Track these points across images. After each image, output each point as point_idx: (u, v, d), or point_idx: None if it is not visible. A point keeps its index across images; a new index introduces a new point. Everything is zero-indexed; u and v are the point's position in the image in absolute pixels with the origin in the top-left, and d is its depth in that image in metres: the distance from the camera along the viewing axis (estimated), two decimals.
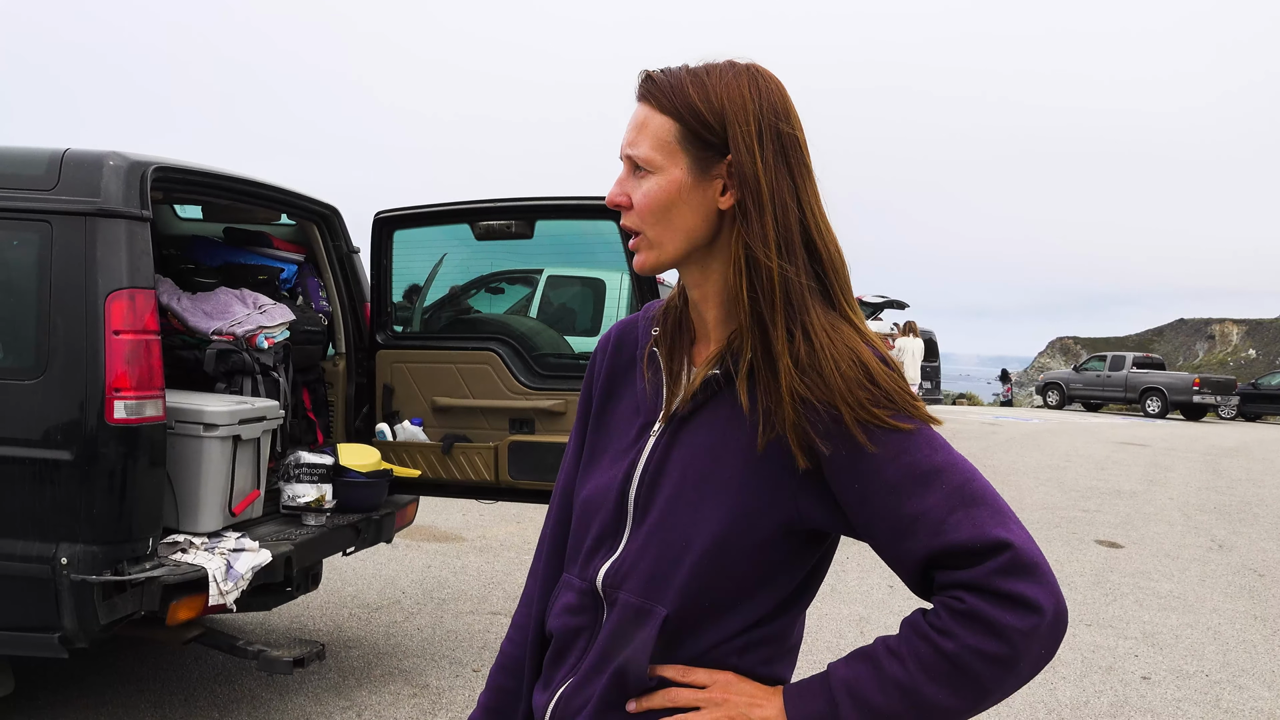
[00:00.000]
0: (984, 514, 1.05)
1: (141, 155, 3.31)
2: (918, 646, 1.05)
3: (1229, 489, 11.71)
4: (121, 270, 3.12)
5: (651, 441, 1.21)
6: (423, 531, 7.30)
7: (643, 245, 1.18)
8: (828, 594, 6.10)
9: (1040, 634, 1.02)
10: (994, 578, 1.02)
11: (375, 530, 4.20)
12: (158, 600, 3.12)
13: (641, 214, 1.16)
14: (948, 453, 1.08)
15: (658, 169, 1.14)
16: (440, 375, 4.55)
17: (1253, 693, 4.74)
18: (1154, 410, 26.45)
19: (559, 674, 1.24)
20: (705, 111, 1.13)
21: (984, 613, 1.02)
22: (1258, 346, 46.52)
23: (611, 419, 1.29)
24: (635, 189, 1.16)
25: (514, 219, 4.38)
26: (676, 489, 1.16)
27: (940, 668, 1.03)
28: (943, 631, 1.04)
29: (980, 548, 1.03)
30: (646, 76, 1.17)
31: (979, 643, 1.02)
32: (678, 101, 1.13)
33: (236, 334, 4.10)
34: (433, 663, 4.61)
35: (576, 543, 1.27)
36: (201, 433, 3.48)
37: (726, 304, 1.18)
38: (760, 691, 1.12)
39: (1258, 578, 7.21)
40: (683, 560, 1.13)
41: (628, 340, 1.33)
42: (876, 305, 17.23)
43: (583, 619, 1.22)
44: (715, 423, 1.16)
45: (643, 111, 1.16)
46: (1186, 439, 18.48)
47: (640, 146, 1.15)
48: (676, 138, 1.14)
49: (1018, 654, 1.02)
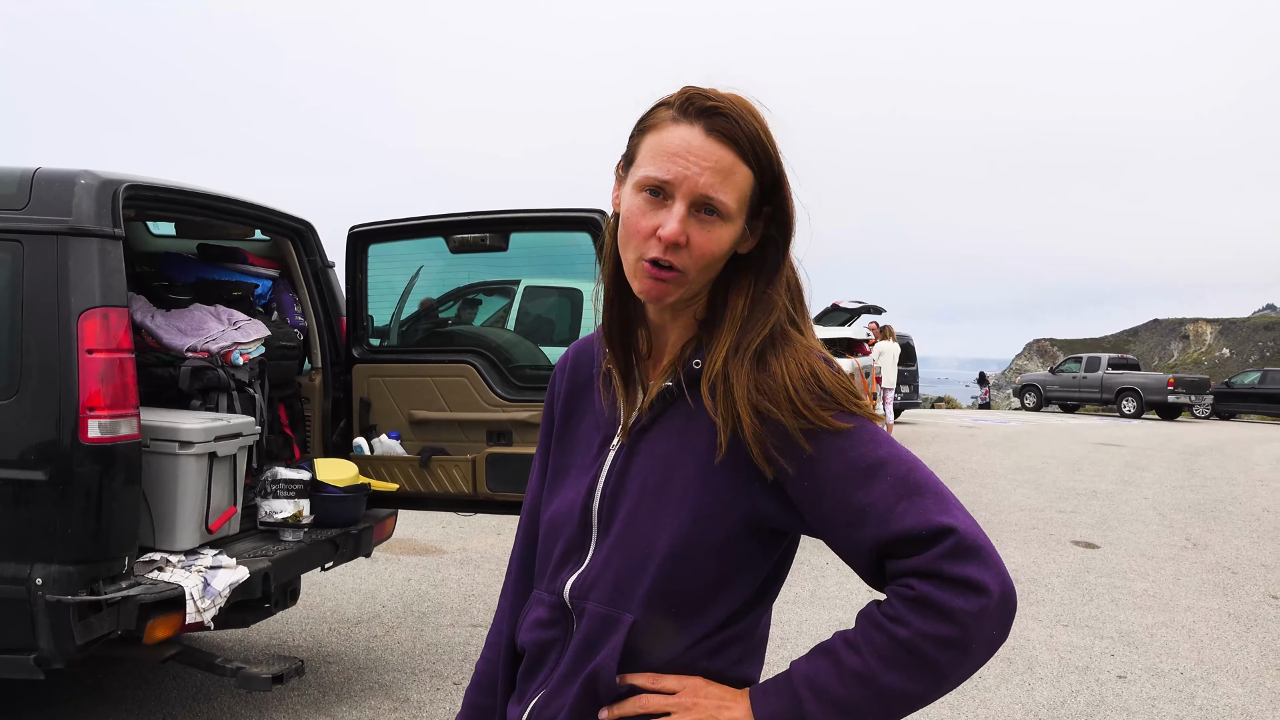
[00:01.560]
0: (928, 502, 1.08)
1: (113, 173, 3.31)
2: (873, 636, 1.08)
3: (1203, 488, 11.84)
4: (94, 289, 3.11)
5: (611, 456, 1.24)
6: (402, 545, 7.28)
7: (676, 283, 1.14)
8: (808, 600, 6.14)
9: (989, 614, 1.05)
10: (941, 563, 1.05)
11: (354, 544, 4.20)
12: (134, 619, 3.11)
13: (699, 259, 1.13)
14: (890, 446, 1.12)
15: (731, 220, 1.14)
16: (417, 388, 4.55)
17: (1226, 689, 4.80)
18: (1129, 411, 26.69)
19: (532, 687, 1.26)
20: (772, 167, 1.15)
21: (933, 598, 1.05)
22: (1231, 345, 47.03)
23: (573, 437, 1.32)
24: (698, 232, 1.12)
25: (488, 232, 4.40)
26: (637, 499, 1.19)
27: (896, 655, 1.06)
28: (895, 619, 1.07)
29: (926, 534, 1.06)
30: (721, 111, 1.12)
31: (931, 628, 1.05)
32: (761, 156, 1.14)
33: (211, 350, 4.10)
34: (413, 676, 4.60)
35: (544, 559, 1.29)
36: (177, 450, 3.47)
37: (690, 322, 1.22)
38: (728, 694, 1.15)
39: (1231, 575, 7.30)
40: (647, 566, 1.16)
41: (584, 360, 1.35)
42: (853, 311, 17.31)
43: (553, 632, 1.24)
44: (671, 432, 1.20)
45: (726, 156, 1.12)
46: (1161, 439, 18.67)
47: (727, 195, 1.12)
48: (752, 194, 1.15)
49: (969, 636, 1.05)
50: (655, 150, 1.13)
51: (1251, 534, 8.99)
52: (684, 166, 1.11)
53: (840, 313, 17.14)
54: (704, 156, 1.11)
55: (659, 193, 1.13)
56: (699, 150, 1.11)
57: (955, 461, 13.59)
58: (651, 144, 1.14)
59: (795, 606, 5.97)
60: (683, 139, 1.12)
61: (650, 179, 1.13)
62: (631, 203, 1.15)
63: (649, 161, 1.13)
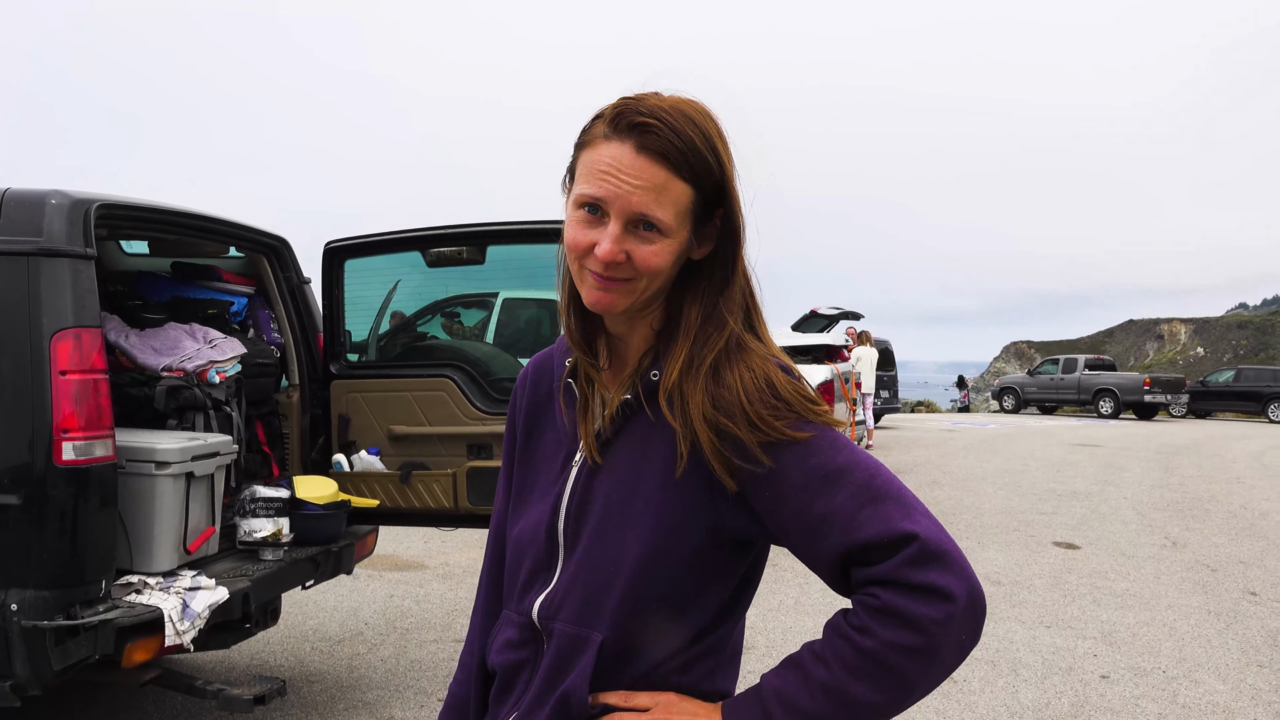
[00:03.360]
0: (890, 508, 1.07)
1: (84, 193, 3.28)
2: (840, 648, 1.07)
3: (1181, 486, 11.94)
4: (66, 309, 3.08)
5: (574, 472, 1.22)
6: (384, 561, 7.23)
7: (624, 291, 1.14)
8: (792, 607, 6.14)
9: (957, 620, 1.04)
10: (904, 570, 1.04)
11: (335, 562, 4.17)
12: (112, 643, 3.07)
13: (644, 272, 1.12)
14: (850, 452, 1.11)
15: (672, 234, 1.12)
16: (396, 403, 4.53)
17: (1208, 686, 4.83)
18: (1107, 411, 26.90)
19: (503, 710, 1.25)
20: (719, 178, 1.13)
21: (897, 606, 1.04)
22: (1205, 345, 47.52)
23: (536, 454, 1.31)
24: (639, 247, 1.11)
25: (464, 245, 4.39)
26: (602, 516, 1.18)
27: (862, 666, 1.05)
28: (861, 630, 1.06)
29: (889, 541, 1.05)
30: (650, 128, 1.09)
31: (896, 637, 1.04)
32: (698, 169, 1.11)
33: (187, 369, 4.06)
34: (397, 694, 4.57)
35: (512, 579, 1.28)
36: (153, 471, 3.43)
37: (647, 332, 1.21)
38: (701, 709, 1.14)
39: (1210, 573, 7.36)
40: (614, 583, 1.15)
41: (544, 374, 1.34)
42: (831, 317, 17.36)
43: (523, 653, 1.23)
44: (633, 446, 1.18)
45: (658, 173, 1.10)
46: (1139, 438, 18.81)
47: (663, 212, 1.10)
48: (693, 205, 1.13)
49: (935, 644, 1.03)
50: (588, 167, 1.12)
51: (1230, 531, 9.06)
52: (615, 185, 1.09)
53: (818, 319, 17.19)
54: (635, 175, 1.09)
55: (595, 210, 1.12)
56: (629, 168, 1.09)
57: (935, 465, 13.65)
58: (586, 160, 1.13)
59: (780, 614, 5.97)
60: (613, 157, 1.10)
61: (585, 196, 1.12)
62: (571, 217, 1.15)
63: (583, 178, 1.13)
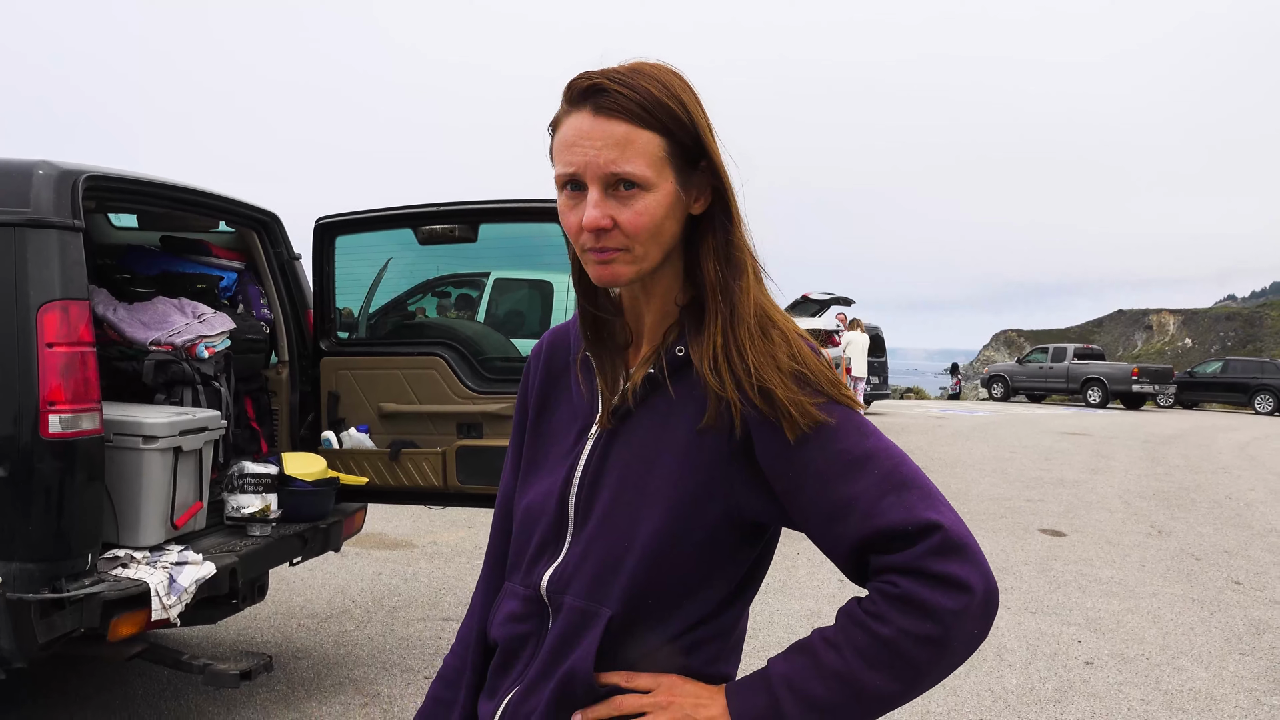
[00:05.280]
0: (914, 497, 1.06)
1: (72, 164, 3.25)
2: (854, 635, 1.06)
3: (1167, 476, 12.01)
4: (54, 282, 3.05)
5: (589, 445, 1.21)
6: (372, 539, 7.23)
7: (625, 260, 1.13)
8: (779, 590, 6.16)
9: (971, 613, 1.03)
10: (925, 560, 1.03)
11: (323, 539, 4.16)
12: (98, 617, 3.05)
13: (635, 233, 1.12)
14: (877, 438, 1.10)
15: (652, 186, 1.11)
16: (386, 381, 4.51)
17: (1190, 674, 4.87)
18: (1095, 400, 27.02)
19: (505, 683, 1.23)
20: (686, 123, 1.12)
21: (916, 595, 1.03)
22: (1193, 335, 47.75)
23: (549, 426, 1.29)
24: (621, 209, 1.11)
25: (457, 223, 4.36)
26: (616, 490, 1.16)
27: (877, 654, 1.04)
28: (877, 617, 1.05)
29: (912, 530, 1.04)
30: (602, 88, 1.11)
31: (913, 625, 1.03)
32: (662, 115, 1.11)
33: (175, 344, 4.04)
34: (384, 671, 4.57)
35: (519, 551, 1.26)
36: (141, 445, 3.41)
37: (667, 305, 1.20)
38: (705, 691, 1.13)
39: (1195, 562, 7.41)
40: (625, 560, 1.14)
41: (560, 348, 1.33)
42: (823, 302, 17.38)
43: (528, 626, 1.22)
44: (651, 422, 1.17)
45: (618, 128, 1.10)
46: (1126, 428, 18.91)
47: (632, 165, 1.10)
48: (666, 153, 1.12)
49: (950, 635, 1.03)
50: (558, 147, 1.14)
51: (1214, 521, 9.12)
52: (582, 153, 1.10)
53: (810, 304, 17.19)
54: (597, 136, 1.10)
55: (577, 185, 1.13)
56: (590, 132, 1.10)
57: (924, 451, 13.69)
58: (556, 142, 1.14)
59: (766, 597, 5.99)
60: (575, 127, 1.11)
61: (562, 175, 1.13)
62: (560, 202, 1.16)
63: (557, 159, 1.14)
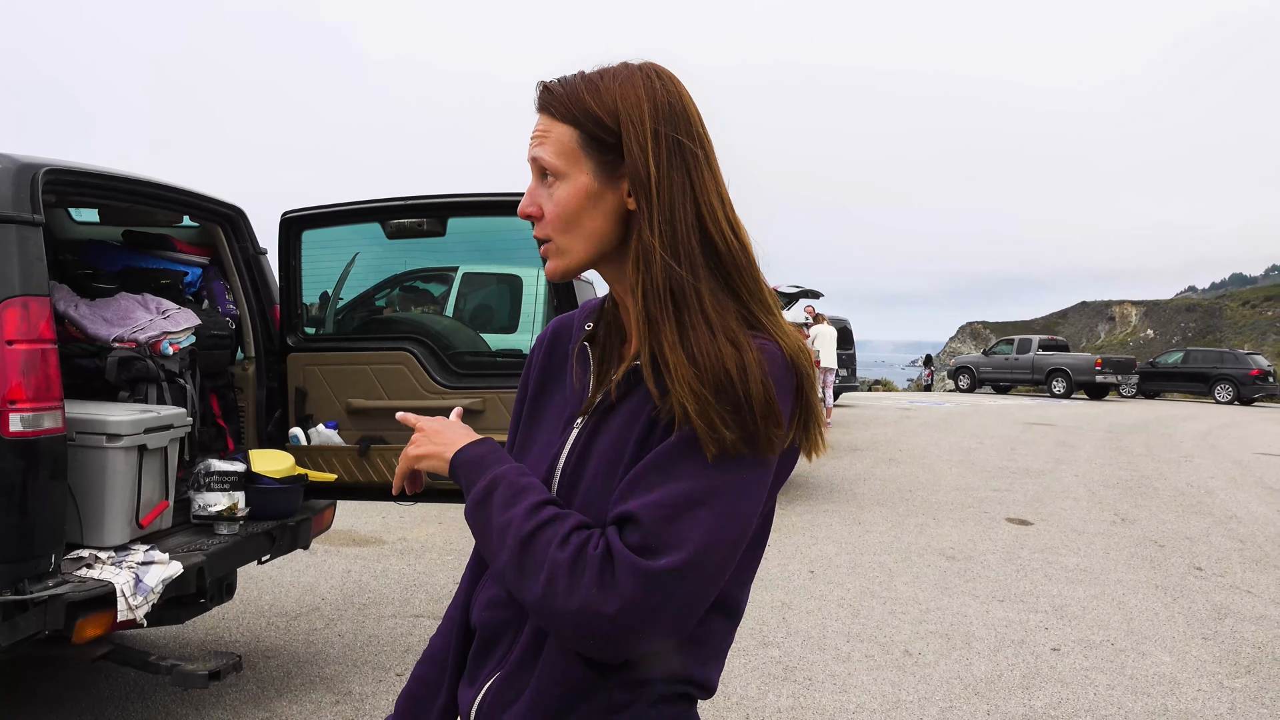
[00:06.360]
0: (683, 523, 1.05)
1: (31, 157, 3.19)
2: (546, 526, 1.09)
3: (1130, 464, 12.19)
4: (13, 278, 2.99)
5: (574, 434, 1.22)
6: (341, 536, 7.18)
7: (552, 253, 1.20)
8: None
9: (584, 614, 1.03)
10: (625, 550, 1.03)
11: (291, 537, 4.12)
12: (62, 618, 3.01)
13: (552, 222, 1.18)
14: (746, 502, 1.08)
15: (564, 176, 1.16)
16: (354, 377, 4.47)
17: (1155, 659, 4.94)
18: (1059, 391, 27.37)
19: (485, 669, 1.23)
20: (603, 116, 1.15)
21: (591, 561, 1.04)
22: (1155, 326, 48.44)
23: (543, 413, 1.31)
24: (545, 199, 1.18)
25: (425, 216, 4.33)
26: (593, 478, 1.17)
27: (530, 550, 1.08)
28: (566, 542, 1.07)
29: (643, 521, 1.05)
30: (544, 87, 1.19)
31: (563, 570, 1.04)
32: (575, 109, 1.16)
33: (139, 340, 3.98)
34: (355, 669, 4.54)
35: None
36: (105, 443, 3.36)
37: None
38: (459, 437, 1.24)
39: (1158, 548, 7.52)
40: None
41: (563, 336, 1.35)
42: (791, 295, 17.45)
43: (509, 613, 1.22)
44: (631, 414, 1.18)
45: (544, 121, 1.18)
46: (1090, 418, 19.17)
47: (542, 151, 1.17)
48: (579, 144, 1.16)
49: (559, 601, 1.04)
50: None
51: (1177, 508, 9.27)
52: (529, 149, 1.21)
53: (779, 297, 17.28)
54: (535, 130, 1.20)
55: None
56: (534, 127, 1.20)
57: (892, 443, 13.80)
58: None
59: None
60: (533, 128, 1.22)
61: None
62: None
63: None
